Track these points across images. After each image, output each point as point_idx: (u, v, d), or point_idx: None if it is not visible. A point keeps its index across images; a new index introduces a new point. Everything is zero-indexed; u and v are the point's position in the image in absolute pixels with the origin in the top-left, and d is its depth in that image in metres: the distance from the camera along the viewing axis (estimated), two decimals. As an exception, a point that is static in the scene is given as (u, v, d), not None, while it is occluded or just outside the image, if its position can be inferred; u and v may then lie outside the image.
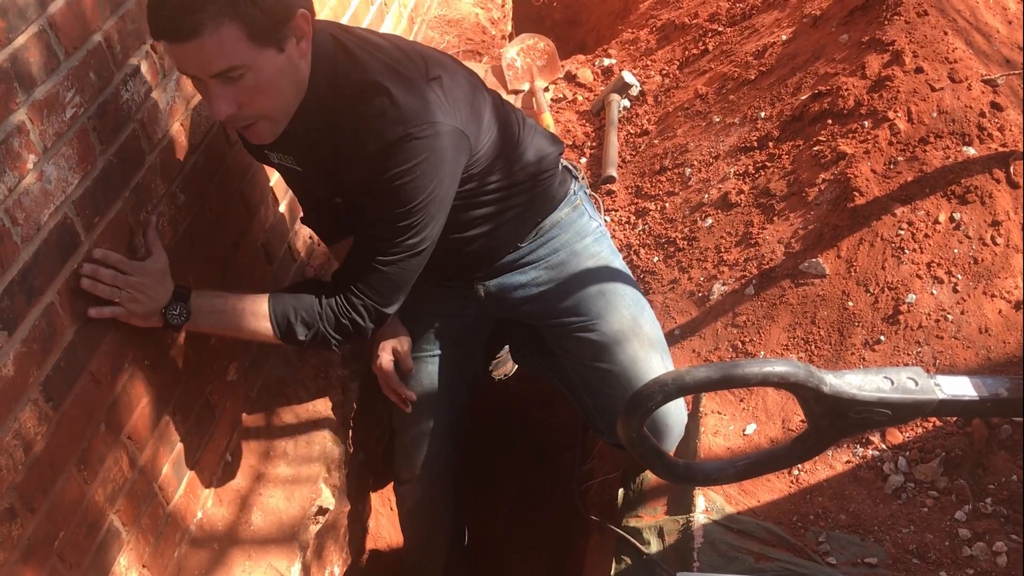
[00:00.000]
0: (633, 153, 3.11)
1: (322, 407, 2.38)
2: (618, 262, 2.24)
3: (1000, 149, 2.22)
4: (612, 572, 1.99)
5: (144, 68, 1.77)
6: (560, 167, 2.20)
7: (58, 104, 1.52)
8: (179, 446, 2.01)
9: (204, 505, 2.14)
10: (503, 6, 4.38)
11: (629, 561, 1.99)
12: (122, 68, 1.70)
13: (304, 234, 2.64)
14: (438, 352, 2.27)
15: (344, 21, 2.84)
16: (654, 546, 1.98)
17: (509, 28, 4.46)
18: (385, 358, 2.22)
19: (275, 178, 2.41)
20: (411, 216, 1.78)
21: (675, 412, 2.06)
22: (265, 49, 1.57)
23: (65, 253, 1.58)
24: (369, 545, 2.68)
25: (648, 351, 2.08)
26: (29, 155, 1.46)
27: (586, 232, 2.20)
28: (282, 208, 2.46)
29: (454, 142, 1.77)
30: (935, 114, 2.30)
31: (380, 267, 1.84)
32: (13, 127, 1.42)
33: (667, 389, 1.26)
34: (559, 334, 2.17)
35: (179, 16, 1.49)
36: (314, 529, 2.18)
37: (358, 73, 1.74)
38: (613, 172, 2.98)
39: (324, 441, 2.29)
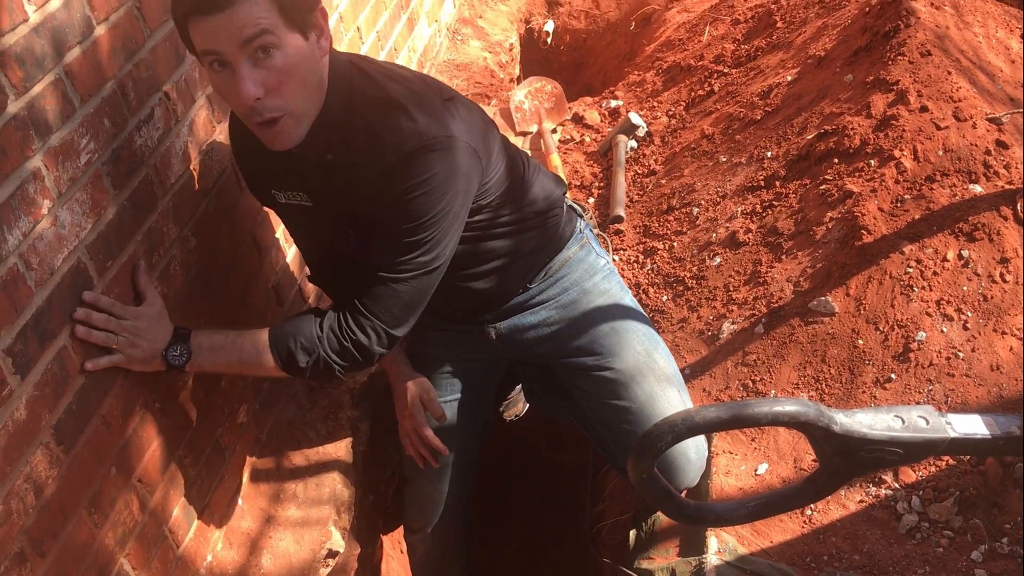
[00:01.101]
0: (640, 193, 3.12)
1: (332, 449, 2.38)
2: (628, 298, 2.24)
3: (1007, 186, 2.22)
4: (624, 615, 1.97)
5: (158, 114, 1.80)
6: (566, 206, 2.21)
7: (73, 150, 1.55)
8: (189, 489, 2.01)
9: (214, 548, 2.14)
10: (511, 50, 4.43)
11: (641, 604, 1.97)
12: (136, 114, 1.73)
13: (314, 276, 2.66)
14: (451, 398, 2.26)
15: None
16: (666, 588, 1.96)
17: (517, 71, 4.51)
18: (419, 411, 2.20)
19: (282, 227, 2.43)
20: (424, 231, 1.74)
21: (695, 446, 2.05)
22: (293, 31, 1.57)
23: (79, 296, 1.59)
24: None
25: (665, 386, 2.08)
26: (44, 200, 1.48)
27: (595, 270, 2.21)
28: (293, 251, 2.48)
29: (468, 159, 1.76)
30: (941, 152, 2.31)
31: (391, 284, 1.78)
32: (29, 173, 1.44)
33: (677, 429, 1.25)
34: (574, 373, 2.17)
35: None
36: (324, 572, 2.17)
37: (374, 91, 1.74)
38: (621, 212, 3.00)
39: (334, 483, 2.28)
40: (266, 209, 2.29)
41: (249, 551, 2.16)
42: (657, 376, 2.08)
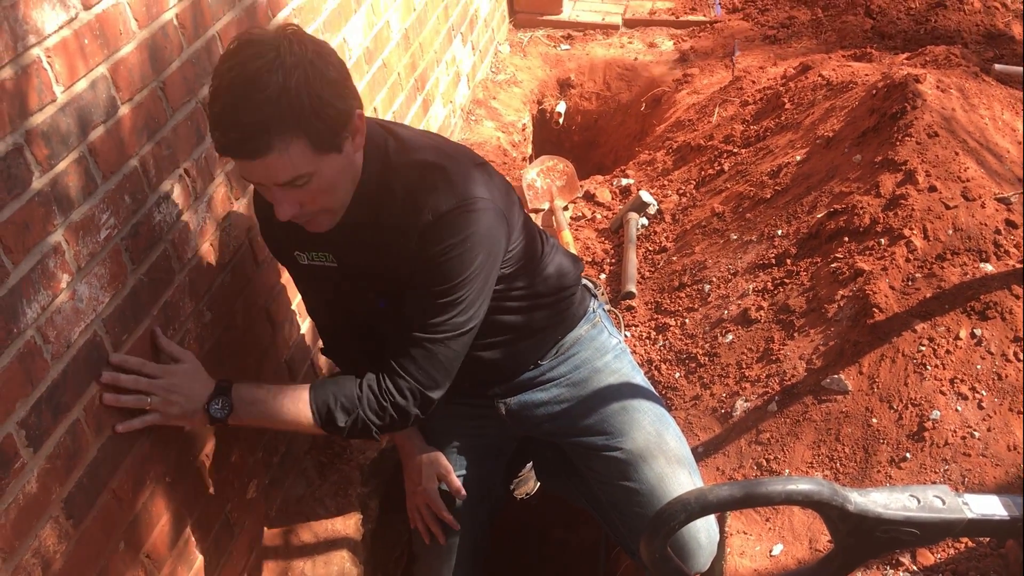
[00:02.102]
0: (652, 270, 3.14)
1: (341, 526, 2.35)
2: (639, 378, 2.24)
3: (1017, 265, 2.23)
4: None
5: (177, 191, 1.83)
6: (580, 285, 2.23)
7: (93, 226, 1.58)
8: (197, 565, 1.99)
9: (219, 627, 2.10)
10: (523, 130, 4.52)
11: None
12: (156, 191, 1.77)
13: (327, 351, 2.67)
14: (458, 473, 2.24)
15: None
16: (681, 673, 1.91)
17: (529, 151, 4.59)
18: (432, 485, 2.18)
19: (297, 299, 2.45)
20: (459, 291, 1.76)
21: (705, 529, 2.02)
22: (327, 155, 1.61)
23: (93, 370, 1.60)
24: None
25: (675, 467, 2.06)
26: (63, 275, 1.51)
27: (606, 349, 2.21)
28: (307, 324, 2.49)
29: (499, 223, 1.79)
30: (951, 231, 2.32)
31: (428, 346, 1.79)
32: (50, 248, 1.47)
33: (690, 508, 1.24)
34: (584, 453, 2.15)
35: (249, 140, 1.52)
36: (331, 653, 2.13)
37: (409, 154, 1.78)
38: (632, 288, 3.01)
39: (343, 561, 2.26)
40: (280, 285, 2.32)
41: (255, 630, 2.13)
42: (668, 457, 2.07)
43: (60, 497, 1.53)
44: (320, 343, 2.28)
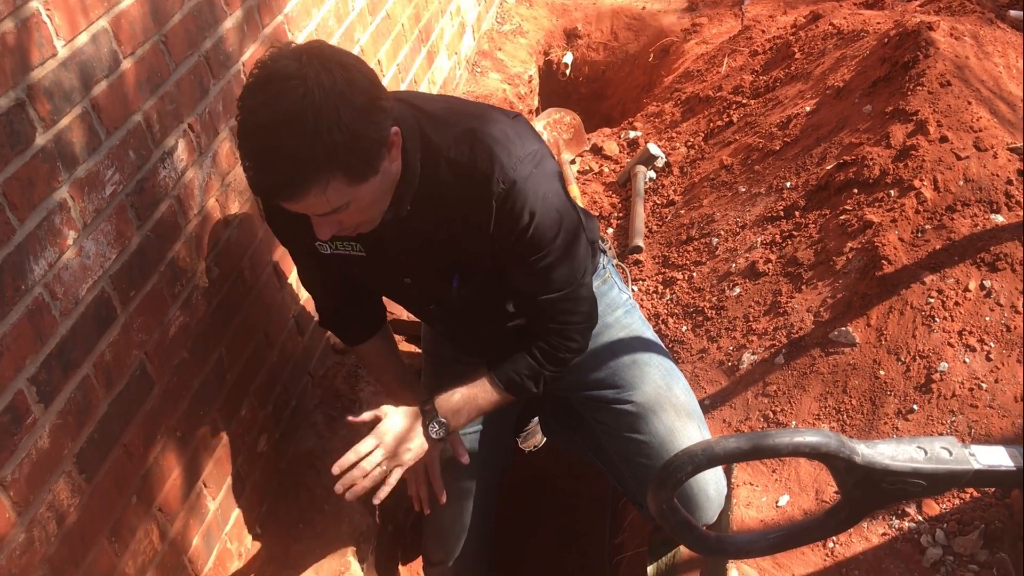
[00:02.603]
0: (659, 223, 3.13)
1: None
2: (649, 332, 2.24)
3: (1029, 216, 2.21)
4: (645, 649, 1.95)
5: (181, 147, 1.83)
6: (594, 242, 2.22)
7: (98, 182, 1.57)
8: (209, 518, 2.02)
9: (233, 578, 2.14)
10: (529, 82, 4.47)
11: (662, 637, 1.95)
12: (160, 146, 1.76)
13: (334, 306, 2.67)
14: (472, 430, 2.25)
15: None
16: (687, 622, 1.94)
17: (536, 103, 4.54)
18: (404, 458, 2.08)
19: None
20: (560, 248, 1.75)
21: (715, 482, 2.03)
22: (365, 182, 1.54)
23: (102, 326, 1.61)
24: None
25: (684, 420, 2.07)
26: (69, 231, 1.51)
27: (616, 304, 2.21)
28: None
29: (552, 163, 1.76)
30: (961, 182, 2.30)
31: (566, 301, 1.84)
32: (55, 204, 1.47)
33: (697, 460, 1.25)
34: (593, 406, 2.16)
35: (284, 188, 1.47)
36: (342, 603, 2.16)
37: (447, 129, 1.68)
38: (640, 242, 3.00)
39: (353, 514, 2.28)
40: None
41: (268, 581, 2.16)
42: (677, 410, 2.07)
43: (72, 452, 1.54)
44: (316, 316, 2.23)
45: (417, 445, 1.90)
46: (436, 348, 2.29)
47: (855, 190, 2.50)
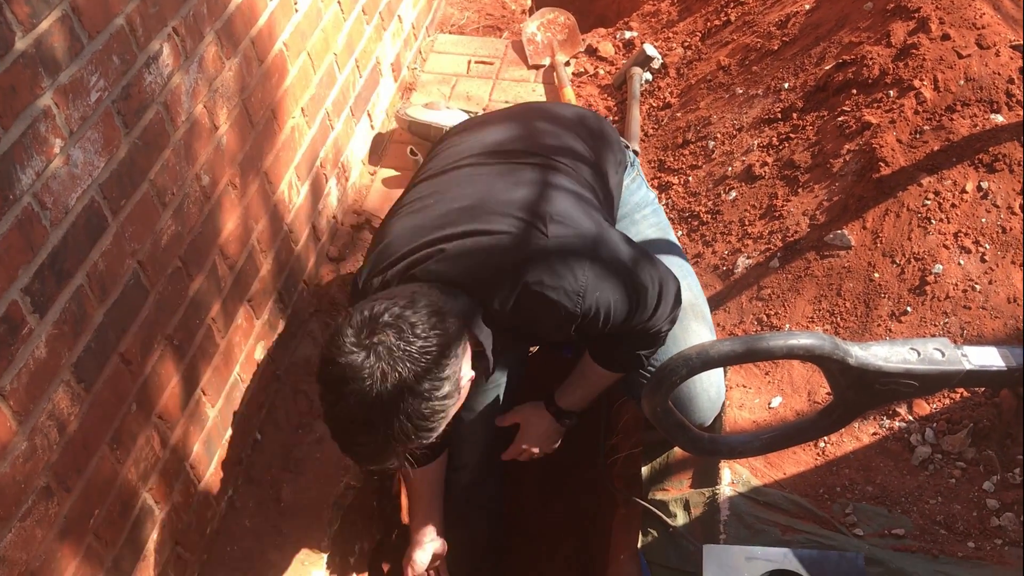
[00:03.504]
0: (655, 127, 3.09)
1: (349, 385, 2.40)
2: (671, 233, 2.26)
3: (1029, 116, 2.18)
4: (639, 545, 2.00)
5: (166, 51, 1.78)
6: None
7: (83, 88, 1.54)
8: (209, 425, 2.04)
9: (235, 482, 2.18)
10: (523, -20, 4.35)
11: (655, 534, 2.00)
12: (144, 51, 1.71)
13: (327, 213, 2.66)
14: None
15: (363, -1, 2.83)
16: (680, 519, 1.99)
17: (529, 2, 4.43)
18: (422, 557, 2.16)
19: (299, 156, 2.42)
20: (636, 314, 1.82)
21: (715, 385, 2.05)
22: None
23: (93, 236, 1.60)
24: (397, 522, 2.71)
25: (700, 324, 2.08)
26: (56, 139, 1.48)
27: (645, 203, 2.24)
28: (304, 193, 2.47)
29: (608, 242, 1.79)
30: (962, 81, 2.27)
31: (654, 334, 1.91)
32: (39, 112, 1.44)
33: (691, 363, 1.26)
34: None
35: (370, 464, 1.74)
36: (341, 507, 2.21)
37: (498, 292, 1.73)
38: (635, 146, 2.97)
39: (351, 418, 2.31)
40: (278, 147, 2.28)
41: (269, 484, 2.20)
42: (696, 313, 2.09)
43: (69, 362, 1.55)
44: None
45: (556, 437, 2.22)
46: None
47: (854, 91, 2.46)
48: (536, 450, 2.22)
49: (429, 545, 2.15)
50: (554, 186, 1.85)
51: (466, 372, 1.68)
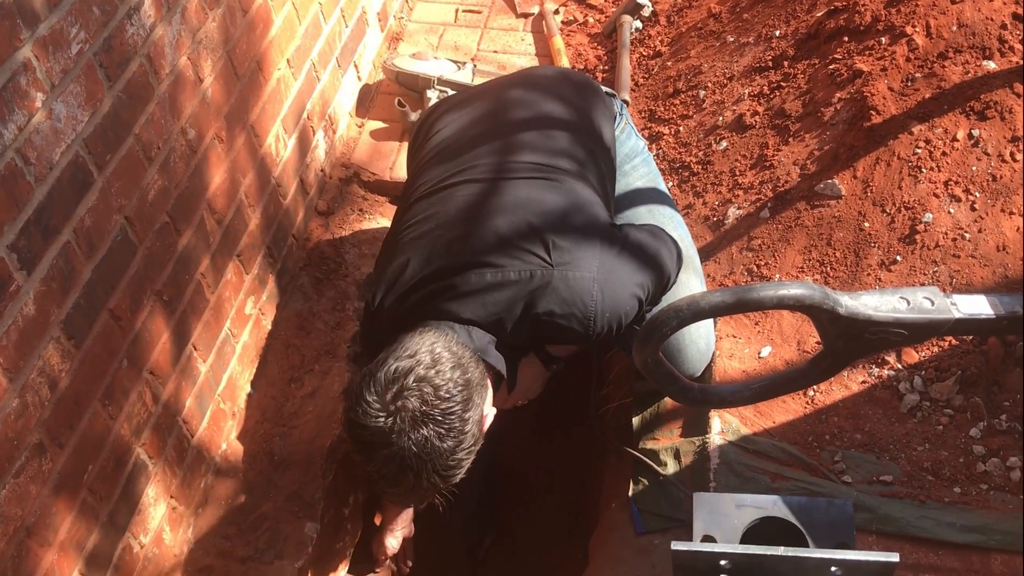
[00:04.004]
0: (646, 76, 3.06)
1: (339, 338, 2.40)
2: (661, 183, 2.27)
3: (1021, 62, 2.17)
4: (630, 493, 2.03)
5: (148, 2, 1.75)
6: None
7: (63, 40, 1.51)
8: (201, 380, 2.04)
9: (228, 436, 2.19)
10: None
11: (646, 482, 2.02)
12: (125, 1, 1.68)
13: (315, 167, 2.63)
14: None
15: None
16: (670, 467, 2.01)
17: (517, -50, 4.35)
18: (392, 542, 2.24)
19: (281, 116, 2.39)
20: (649, 302, 1.85)
21: (705, 336, 2.07)
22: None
23: (79, 191, 1.58)
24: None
25: (691, 275, 2.09)
26: (37, 93, 1.46)
27: (635, 152, 2.24)
28: (291, 146, 2.45)
29: (611, 257, 1.80)
30: (954, 28, 2.24)
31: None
32: (19, 64, 1.41)
33: (682, 314, 1.26)
34: None
35: (407, 505, 2.08)
36: (334, 459, 2.22)
37: (514, 324, 1.77)
38: (626, 96, 2.94)
39: (342, 372, 2.32)
40: (264, 99, 2.26)
41: (262, 438, 2.21)
42: (684, 263, 2.09)
43: (59, 319, 1.54)
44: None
45: (542, 383, 2.19)
46: None
47: (845, 38, 2.44)
48: (523, 396, 2.24)
49: (400, 532, 2.24)
50: (547, 201, 1.87)
51: (489, 412, 1.76)
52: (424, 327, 1.71)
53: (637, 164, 2.22)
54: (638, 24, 3.25)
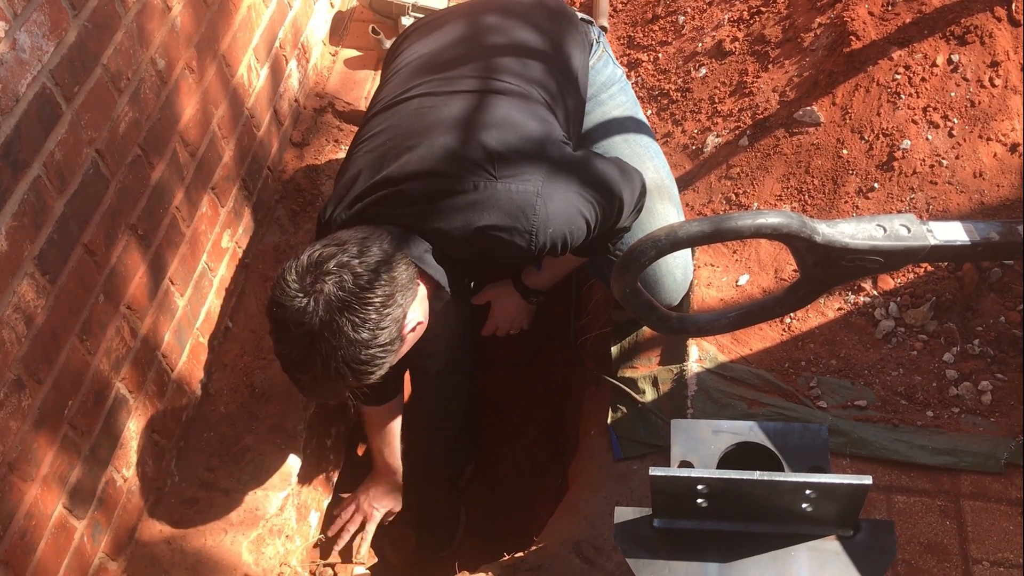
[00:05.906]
0: (624, 1, 3.01)
1: (318, 271, 2.39)
2: (639, 111, 2.25)
3: (1002, -14, 2.15)
4: (608, 421, 2.05)
5: (111, -75, 1.69)
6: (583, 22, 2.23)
7: (24, -33, 1.46)
8: (179, 314, 2.04)
9: (208, 370, 2.19)
10: None
11: (625, 410, 2.05)
12: (88, -74, 1.62)
13: (289, 97, 2.59)
14: None
15: None
16: (649, 395, 2.03)
17: None
18: (374, 514, 2.29)
19: (256, 37, 2.34)
20: (598, 226, 1.83)
21: (682, 267, 2.07)
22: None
23: (47, 124, 1.55)
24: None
25: (668, 205, 2.09)
26: (-1, 23, 1.41)
27: (612, 81, 2.22)
28: (264, 71, 2.40)
29: (557, 173, 1.78)
30: (936, -49, 2.22)
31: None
32: (-21, -7, 1.37)
33: (660, 244, 1.26)
34: None
35: (314, 398, 2.03)
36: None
37: (455, 241, 1.76)
38: (604, 22, 2.90)
39: (322, 305, 2.31)
40: (236, 29, 2.21)
41: (242, 371, 2.21)
42: (661, 193, 2.09)
43: (32, 254, 1.52)
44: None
45: (525, 315, 2.29)
46: None
47: (826, -39, 2.40)
48: (507, 328, 2.28)
49: (378, 514, 2.31)
50: (499, 114, 1.84)
51: (414, 318, 1.72)
52: (362, 227, 1.72)
53: (614, 92, 2.20)
54: (616, -53, 3.18)
